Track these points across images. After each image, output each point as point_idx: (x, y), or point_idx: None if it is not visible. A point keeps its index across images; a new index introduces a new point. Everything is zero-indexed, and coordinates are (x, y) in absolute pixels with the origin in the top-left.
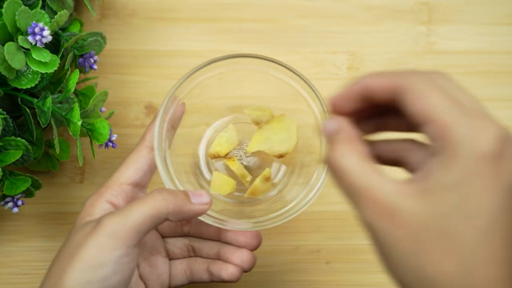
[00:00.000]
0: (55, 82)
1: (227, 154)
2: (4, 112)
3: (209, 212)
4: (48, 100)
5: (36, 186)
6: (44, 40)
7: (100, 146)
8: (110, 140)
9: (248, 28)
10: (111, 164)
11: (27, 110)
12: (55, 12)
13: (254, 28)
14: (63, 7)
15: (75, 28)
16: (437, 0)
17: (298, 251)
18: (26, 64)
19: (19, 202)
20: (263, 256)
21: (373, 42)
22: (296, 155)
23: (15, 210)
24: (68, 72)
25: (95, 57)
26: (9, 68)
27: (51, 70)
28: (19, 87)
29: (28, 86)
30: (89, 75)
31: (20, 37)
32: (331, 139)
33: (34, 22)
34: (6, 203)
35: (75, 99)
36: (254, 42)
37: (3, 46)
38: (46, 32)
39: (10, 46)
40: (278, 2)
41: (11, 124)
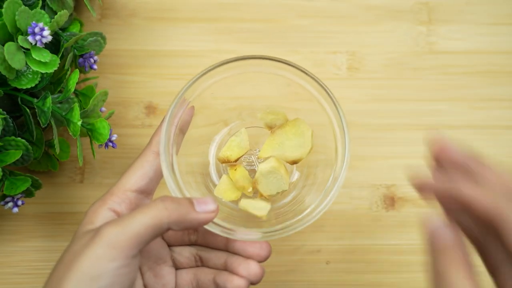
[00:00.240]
0: (55, 82)
1: (238, 159)
2: (4, 112)
3: (216, 220)
4: (48, 100)
5: (36, 186)
6: (44, 40)
7: (100, 146)
8: (110, 140)
9: (248, 28)
10: (111, 164)
11: (27, 110)
12: (55, 12)
13: (254, 28)
14: (63, 7)
15: (75, 28)
16: (437, 0)
17: (298, 251)
18: (26, 64)
19: (19, 202)
20: None
21: (373, 42)
22: (310, 160)
23: (15, 210)
24: (68, 72)
25: (95, 57)
26: (9, 68)
27: (51, 70)
28: (19, 87)
29: (28, 86)
30: (89, 75)
31: (20, 37)
32: (439, 248)
33: (34, 22)
34: (6, 203)
35: (75, 99)
36: (254, 42)
37: (3, 46)
38: (46, 32)
39: (10, 46)
40: (278, 2)
41: (11, 124)
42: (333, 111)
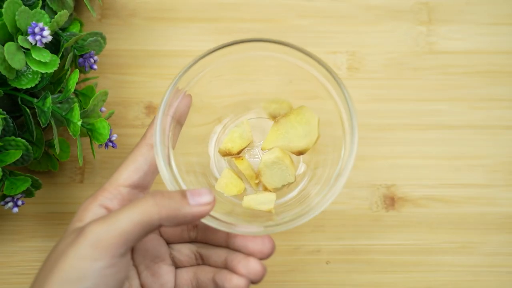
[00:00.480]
0: (55, 82)
1: (240, 152)
2: (4, 112)
3: (215, 214)
4: (48, 100)
5: (36, 186)
6: (44, 40)
7: (100, 146)
8: (110, 140)
9: (248, 28)
10: (111, 164)
11: (27, 110)
12: (55, 12)
13: (254, 28)
14: (63, 7)
15: (75, 28)
16: (437, 0)
17: (298, 251)
18: (26, 64)
19: (19, 202)
20: None
21: (373, 42)
22: (317, 150)
23: (15, 210)
24: (68, 72)
25: (95, 57)
26: (9, 68)
27: (51, 70)
28: (19, 87)
29: (28, 86)
30: (89, 75)
31: (20, 37)
32: None
33: (34, 22)
34: (6, 203)
35: (75, 99)
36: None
37: (3, 46)
38: (46, 32)
39: (10, 46)
40: (278, 2)
41: (11, 124)
42: (339, 96)
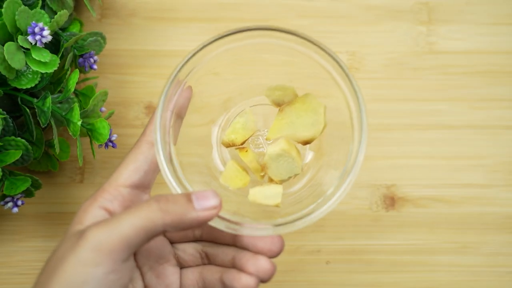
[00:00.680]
0: (55, 82)
1: (244, 142)
2: (4, 112)
3: (221, 213)
4: (48, 100)
5: (36, 186)
6: (44, 40)
7: (100, 146)
8: (110, 140)
9: None
10: (111, 164)
11: (27, 110)
12: (55, 12)
13: None
14: (63, 7)
15: (75, 28)
16: (437, 0)
17: (298, 251)
18: (26, 64)
19: (19, 202)
20: None
21: (373, 42)
22: (324, 137)
23: (15, 210)
24: (68, 72)
25: (95, 57)
26: (9, 68)
27: (51, 70)
28: (19, 87)
29: (28, 86)
30: (89, 75)
31: (20, 37)
32: None
33: (34, 22)
34: (6, 203)
35: (75, 99)
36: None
37: (3, 46)
38: (46, 32)
39: (10, 46)
40: (278, 2)
41: (11, 124)
42: (344, 82)
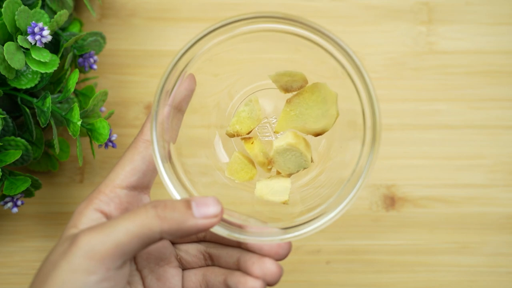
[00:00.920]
0: (55, 82)
1: (249, 132)
2: (4, 112)
3: (225, 216)
4: (48, 100)
5: (36, 186)
6: (44, 40)
7: (100, 146)
8: (110, 140)
9: None
10: (111, 164)
11: (27, 110)
12: (54, 12)
13: None
14: (62, 7)
15: (75, 28)
16: (437, 0)
17: (298, 251)
18: (26, 64)
19: (19, 202)
20: None
21: (373, 42)
22: (338, 130)
23: (15, 210)
24: (68, 72)
25: (95, 57)
26: (8, 68)
27: (50, 70)
28: (19, 87)
29: (28, 86)
30: (89, 75)
31: (19, 37)
32: None
33: (33, 22)
34: (6, 203)
35: (75, 99)
36: (255, 42)
37: (3, 46)
38: (46, 32)
39: (9, 46)
40: (278, 2)
41: (11, 124)
42: (354, 69)
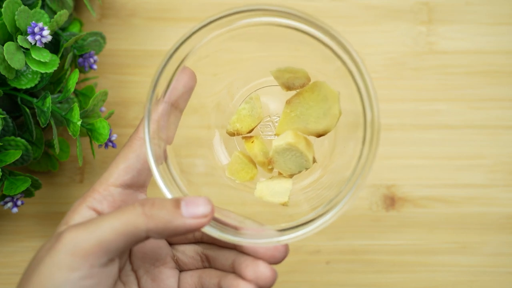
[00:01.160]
0: (55, 82)
1: (250, 131)
2: (4, 112)
3: (219, 216)
4: (48, 100)
5: (35, 186)
6: (44, 40)
7: (100, 146)
8: (110, 140)
9: None
10: None
11: (27, 110)
12: (54, 12)
13: None
14: (62, 7)
15: (74, 28)
16: (437, 0)
17: (298, 251)
18: (26, 64)
19: (19, 202)
20: None
21: (373, 42)
22: (341, 131)
23: (15, 210)
24: (68, 72)
25: (95, 57)
26: (8, 68)
27: (50, 70)
28: (19, 87)
29: (28, 86)
30: (89, 75)
31: (19, 36)
32: None
33: (33, 21)
34: (6, 203)
35: (75, 99)
36: (254, 41)
37: (3, 46)
38: (46, 32)
39: (9, 46)
40: (278, 2)
41: (11, 124)
42: (354, 65)
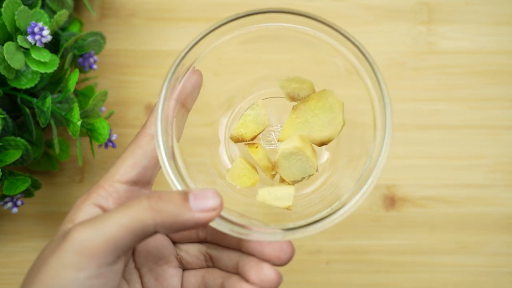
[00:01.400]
0: (54, 82)
1: (254, 138)
2: (4, 112)
3: (225, 214)
4: (48, 100)
5: (35, 186)
6: (44, 40)
7: (100, 146)
8: (110, 140)
9: None
10: (111, 164)
11: (27, 110)
12: (54, 12)
13: None
14: (62, 6)
15: (74, 28)
16: (437, 0)
17: (298, 251)
18: (26, 64)
19: (19, 202)
20: None
21: (373, 42)
22: (342, 136)
23: (15, 210)
24: (68, 72)
25: (95, 57)
26: (8, 68)
27: (50, 70)
28: (19, 87)
29: (28, 86)
30: (88, 75)
31: (19, 36)
32: None
33: (33, 21)
34: (6, 203)
35: (75, 99)
36: (254, 41)
37: (3, 46)
38: (46, 32)
39: (9, 46)
40: (278, 3)
41: (11, 124)
42: (371, 79)
